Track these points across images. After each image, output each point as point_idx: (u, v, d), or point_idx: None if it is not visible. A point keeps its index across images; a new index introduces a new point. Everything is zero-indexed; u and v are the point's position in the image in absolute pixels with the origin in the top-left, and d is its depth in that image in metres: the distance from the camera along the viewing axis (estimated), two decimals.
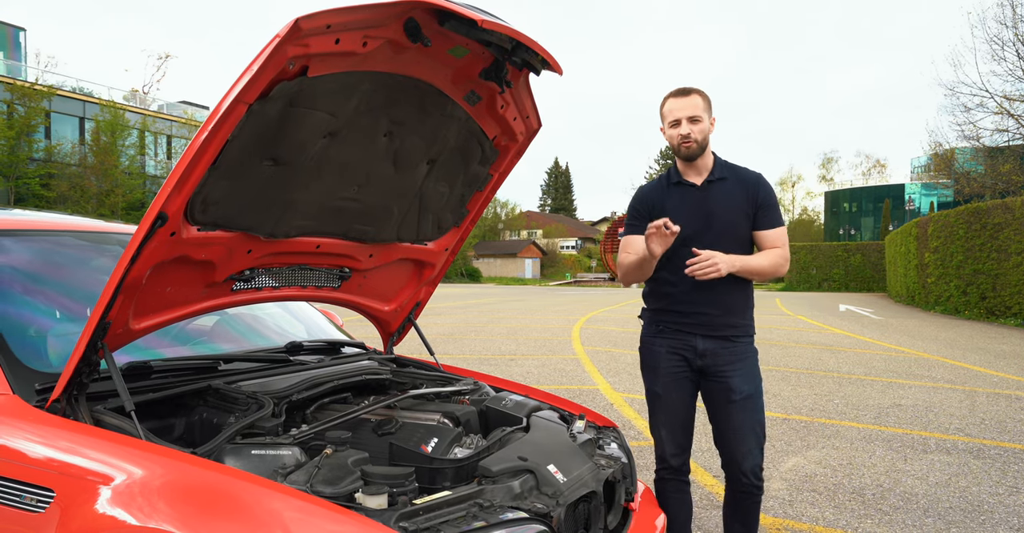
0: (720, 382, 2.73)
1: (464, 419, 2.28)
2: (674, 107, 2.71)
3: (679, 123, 2.70)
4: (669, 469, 2.82)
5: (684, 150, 2.72)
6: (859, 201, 57.56)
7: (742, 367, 2.73)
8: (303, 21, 1.58)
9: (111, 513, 1.54)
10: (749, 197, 2.74)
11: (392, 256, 2.63)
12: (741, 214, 2.73)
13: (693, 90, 2.73)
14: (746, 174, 2.80)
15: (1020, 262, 16.27)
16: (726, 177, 2.77)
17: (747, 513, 2.82)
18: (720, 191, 2.75)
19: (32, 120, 31.11)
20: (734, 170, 2.81)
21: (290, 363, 2.54)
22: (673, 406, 2.78)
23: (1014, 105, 24.58)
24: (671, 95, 2.75)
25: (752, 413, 2.72)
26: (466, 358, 9.54)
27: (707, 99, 2.74)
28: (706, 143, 2.74)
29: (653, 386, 2.83)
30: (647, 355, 2.86)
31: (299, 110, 1.79)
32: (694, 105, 2.69)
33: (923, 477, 4.58)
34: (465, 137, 2.34)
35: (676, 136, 2.72)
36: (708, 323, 2.73)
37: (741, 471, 2.74)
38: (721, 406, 2.75)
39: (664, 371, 2.78)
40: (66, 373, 1.75)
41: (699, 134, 2.70)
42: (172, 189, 1.65)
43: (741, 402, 2.71)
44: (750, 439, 2.72)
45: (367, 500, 1.60)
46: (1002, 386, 8.00)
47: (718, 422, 2.79)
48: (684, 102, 2.70)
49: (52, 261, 2.47)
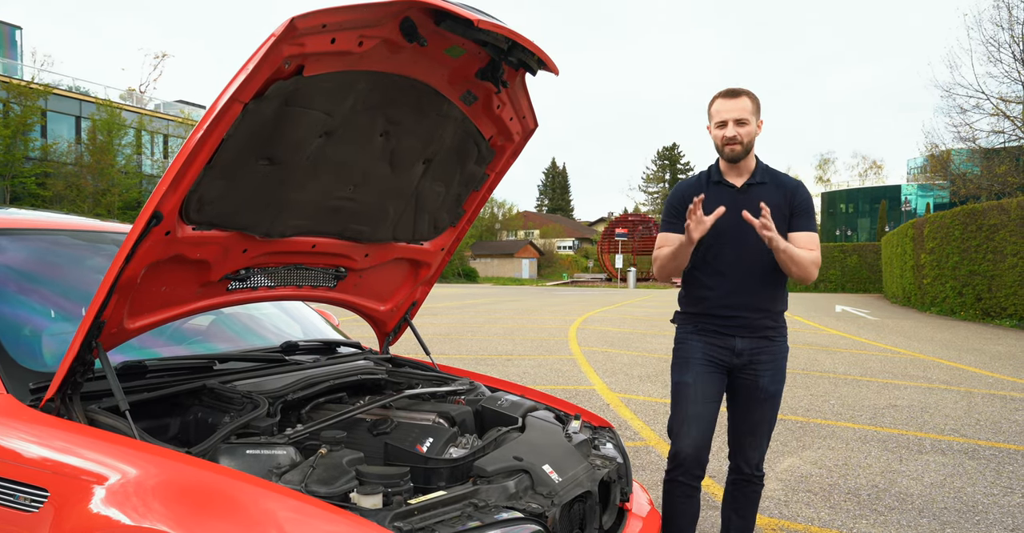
0: (749, 380, 2.76)
1: (459, 419, 2.28)
2: (722, 108, 2.69)
3: (725, 124, 2.68)
4: (682, 469, 2.71)
5: (728, 152, 2.70)
6: (855, 202, 57.67)
7: (773, 366, 2.76)
8: (299, 20, 1.58)
9: (105, 513, 1.54)
10: (787, 201, 2.73)
11: (388, 256, 2.62)
12: (779, 217, 2.69)
13: (743, 92, 2.69)
14: (786, 180, 2.80)
15: (1016, 263, 16.31)
16: (766, 181, 2.76)
17: (747, 504, 2.88)
18: (759, 194, 2.71)
19: (28, 119, 31.01)
20: (775, 175, 2.80)
21: (286, 363, 2.54)
22: (701, 399, 2.73)
23: (1010, 107, 24.65)
24: (720, 95, 2.72)
25: (771, 412, 2.79)
26: (463, 358, 9.54)
27: (756, 101, 2.72)
28: (751, 146, 2.72)
29: (684, 376, 2.76)
30: (682, 349, 2.82)
31: (295, 109, 1.79)
32: (742, 107, 2.67)
33: (918, 477, 4.59)
34: (461, 137, 2.34)
35: (721, 137, 2.70)
36: (747, 325, 2.73)
37: (747, 463, 2.83)
38: (744, 402, 2.79)
39: (699, 362, 2.75)
40: (60, 372, 1.75)
41: (745, 137, 2.68)
42: (167, 188, 1.65)
43: (765, 400, 2.76)
44: (764, 436, 2.81)
45: (362, 500, 1.60)
46: (997, 387, 8.02)
47: (737, 416, 2.84)
48: (732, 104, 2.67)
49: (47, 260, 2.47)
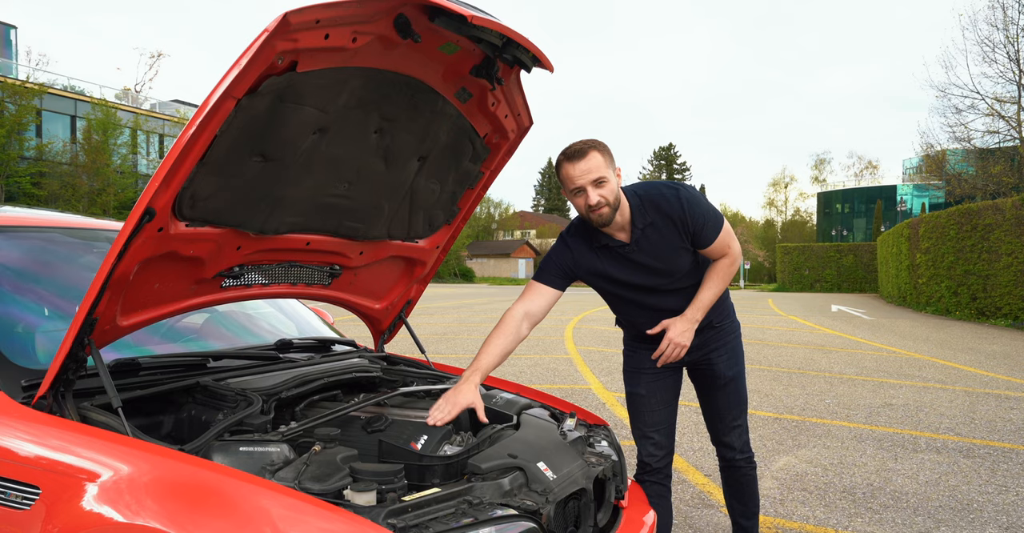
0: (705, 369, 2.78)
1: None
2: (572, 174, 2.35)
3: (583, 190, 2.37)
4: (651, 472, 2.76)
5: (597, 218, 2.40)
6: (851, 202, 57.82)
7: (726, 351, 2.76)
8: (292, 15, 1.57)
9: (97, 510, 1.53)
10: (680, 232, 2.50)
11: (383, 253, 2.62)
12: (680, 251, 2.54)
13: (588, 148, 2.36)
14: (669, 207, 2.48)
15: (1010, 263, 16.36)
16: (651, 221, 2.49)
17: (743, 489, 2.89)
18: (651, 241, 2.51)
19: (23, 118, 30.92)
20: (654, 204, 2.49)
21: (280, 360, 2.53)
22: (658, 406, 2.75)
23: (1004, 107, 24.73)
24: (564, 159, 2.38)
25: (735, 394, 2.81)
26: (459, 357, 9.53)
27: (606, 151, 2.39)
28: (618, 202, 2.42)
29: (636, 388, 2.77)
30: (632, 358, 2.82)
31: (288, 106, 1.78)
32: (594, 167, 2.34)
33: (913, 476, 4.60)
34: (456, 134, 2.34)
35: (583, 205, 2.39)
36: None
37: (730, 447, 2.86)
38: (707, 391, 2.84)
39: (648, 371, 2.73)
40: (52, 369, 1.73)
41: (610, 195, 2.37)
42: (160, 184, 1.64)
43: (725, 386, 2.79)
44: (735, 418, 2.83)
45: (355, 497, 1.60)
46: (992, 386, 8.04)
47: (705, 404, 2.88)
48: (582, 166, 2.34)
49: (40, 258, 2.46)
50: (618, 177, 2.46)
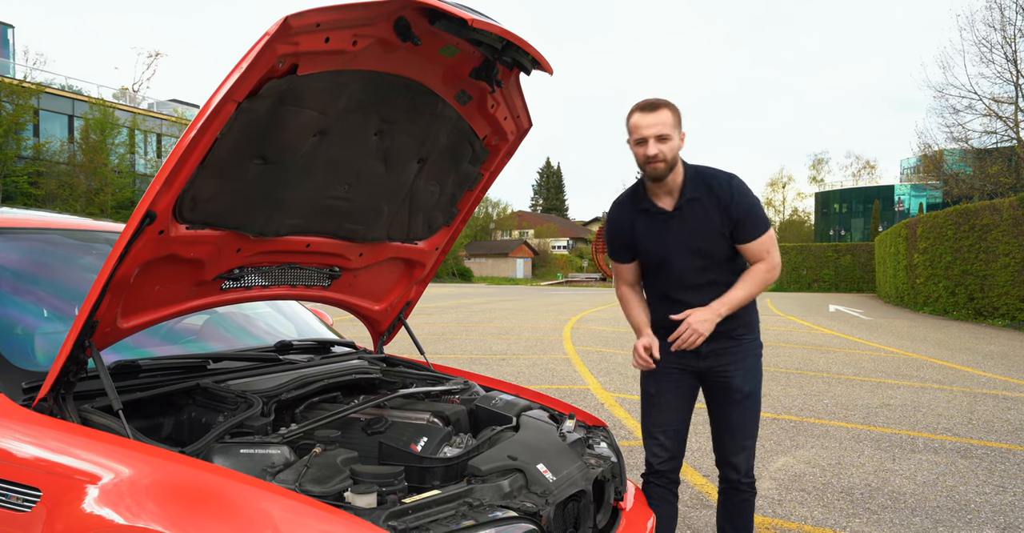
0: (721, 381, 2.68)
1: (454, 418, 2.28)
2: (641, 123, 2.49)
3: (646, 141, 2.48)
4: (656, 474, 2.72)
5: (651, 170, 2.52)
6: (849, 202, 57.87)
7: (744, 366, 2.67)
8: (293, 19, 1.58)
9: (98, 512, 1.53)
10: (723, 216, 2.56)
11: (382, 255, 2.62)
12: (717, 236, 2.58)
13: (661, 104, 2.50)
14: (719, 188, 2.58)
15: (1008, 263, 16.39)
16: (698, 196, 2.57)
17: (739, 514, 2.78)
18: (693, 215, 2.57)
19: (20, 118, 30.83)
20: (707, 183, 2.59)
21: (280, 362, 2.53)
22: (667, 407, 2.70)
23: (1002, 107, 24.76)
24: (638, 109, 2.52)
25: (750, 412, 2.70)
26: (457, 358, 9.54)
27: (677, 113, 2.53)
28: (675, 162, 2.54)
29: (648, 386, 2.73)
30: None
31: (289, 108, 1.78)
32: (662, 122, 2.47)
33: (911, 476, 4.61)
34: (456, 136, 2.34)
35: (642, 155, 2.51)
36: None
37: (734, 469, 2.73)
38: (721, 406, 2.72)
39: (662, 370, 2.67)
40: (53, 372, 1.74)
41: (668, 153, 2.49)
42: (161, 187, 1.64)
43: (741, 402, 2.68)
44: (746, 438, 2.71)
45: (356, 499, 1.60)
46: (990, 386, 8.06)
47: (716, 420, 2.76)
48: (652, 118, 2.48)
49: (40, 259, 2.46)
50: (681, 141, 2.56)
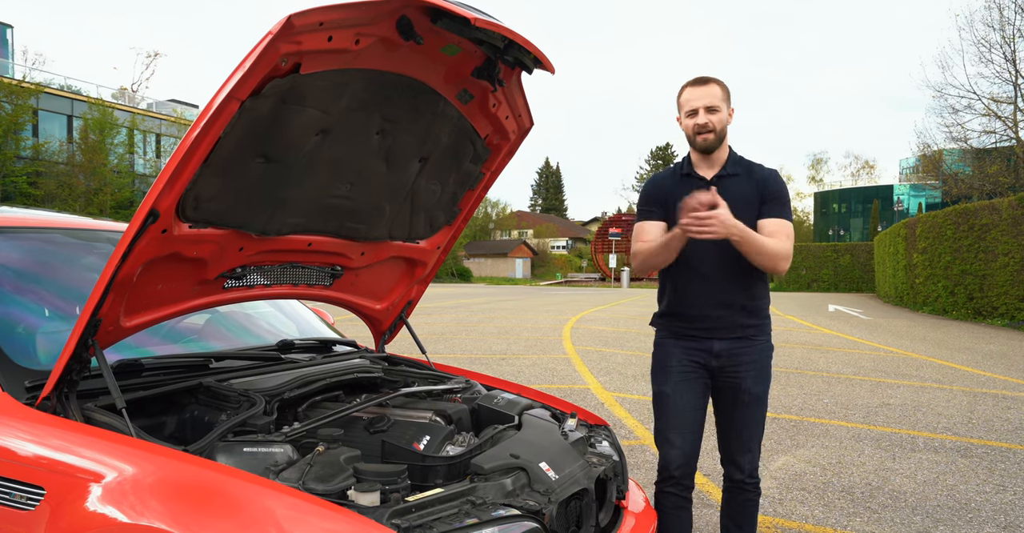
0: (732, 382, 2.66)
1: (456, 417, 2.28)
2: (691, 96, 2.62)
3: (696, 113, 2.61)
4: (671, 480, 2.68)
5: (701, 141, 2.62)
6: (848, 202, 57.87)
7: (755, 367, 2.66)
8: (296, 18, 1.58)
9: (102, 511, 1.53)
10: (758, 193, 2.63)
11: (384, 254, 2.62)
12: (750, 211, 2.60)
13: (711, 79, 2.64)
14: (760, 171, 2.70)
15: (1007, 263, 16.40)
16: (738, 173, 2.66)
17: (743, 513, 2.76)
18: (730, 187, 2.61)
19: (19, 118, 30.80)
20: (748, 166, 2.70)
21: (281, 361, 2.53)
22: (683, 408, 2.66)
23: (1001, 107, 24.81)
24: (689, 84, 2.66)
25: (758, 413, 2.69)
26: (457, 357, 9.54)
27: (726, 88, 2.65)
28: (724, 134, 2.64)
29: (663, 386, 2.70)
30: (660, 354, 2.75)
31: (291, 107, 1.79)
32: (712, 94, 2.60)
33: (911, 475, 4.62)
34: (457, 135, 2.34)
35: (692, 126, 2.62)
36: (724, 325, 2.64)
37: (739, 469, 2.72)
38: (728, 407, 2.71)
39: (676, 370, 2.67)
40: (56, 370, 1.74)
41: (717, 124, 2.60)
42: (164, 186, 1.64)
43: (749, 403, 2.66)
44: (752, 440, 2.70)
45: (359, 497, 1.60)
46: (989, 385, 8.07)
47: (723, 421, 2.75)
48: (702, 91, 2.61)
49: (41, 259, 2.46)
50: (730, 117, 2.67)
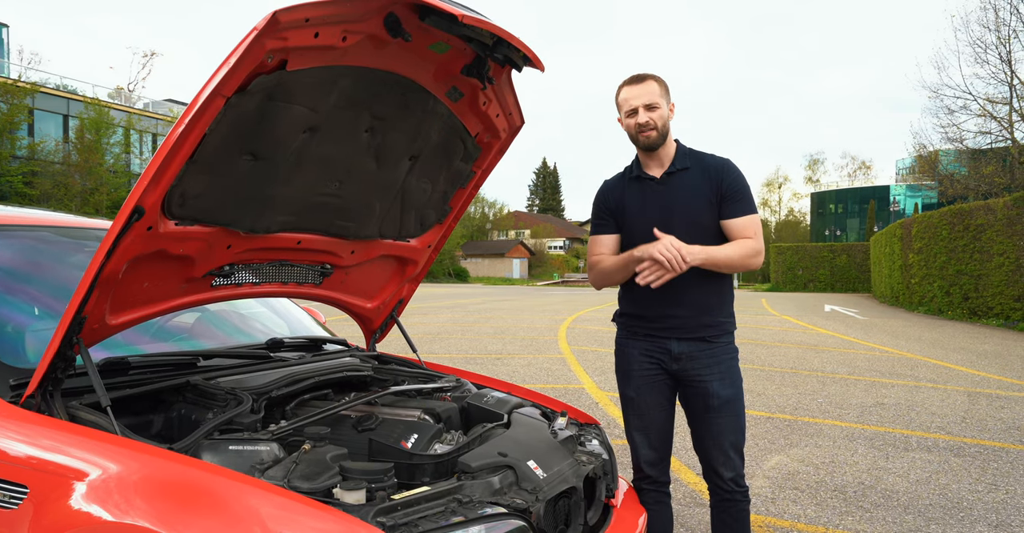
0: (698, 387, 2.58)
1: (445, 415, 2.27)
2: (630, 95, 2.57)
3: (636, 111, 2.55)
4: (646, 479, 2.68)
5: (643, 140, 2.56)
6: (845, 202, 58.00)
7: (720, 370, 2.57)
8: (281, 14, 1.57)
9: (86, 509, 1.52)
10: (713, 186, 2.56)
11: (374, 253, 2.62)
12: (704, 204, 2.55)
13: (648, 76, 2.58)
14: (711, 161, 2.62)
15: (1002, 263, 16.44)
16: (688, 166, 2.60)
17: (732, 523, 2.64)
18: (681, 182, 2.58)
19: (15, 117, 30.69)
20: (699, 158, 2.63)
21: (271, 359, 2.52)
22: (648, 410, 2.65)
23: (996, 108, 24.80)
24: (626, 82, 2.61)
25: (732, 418, 2.59)
26: (452, 357, 9.53)
27: (664, 84, 2.59)
28: (666, 131, 2.58)
29: (626, 390, 2.69)
30: (620, 358, 2.72)
31: (278, 104, 1.78)
32: (650, 91, 2.54)
33: (904, 475, 4.62)
34: (447, 133, 2.34)
35: (633, 125, 2.56)
36: (681, 326, 2.57)
37: (722, 479, 2.62)
38: (699, 413, 2.61)
39: (637, 374, 2.64)
40: (40, 368, 1.73)
41: (658, 121, 2.54)
42: (149, 183, 1.63)
43: (720, 408, 2.57)
44: (730, 447, 2.60)
45: (345, 495, 1.59)
46: (983, 385, 8.08)
47: (696, 429, 2.66)
48: (640, 89, 2.55)
49: (29, 256, 2.45)
50: (671, 112, 2.62)
